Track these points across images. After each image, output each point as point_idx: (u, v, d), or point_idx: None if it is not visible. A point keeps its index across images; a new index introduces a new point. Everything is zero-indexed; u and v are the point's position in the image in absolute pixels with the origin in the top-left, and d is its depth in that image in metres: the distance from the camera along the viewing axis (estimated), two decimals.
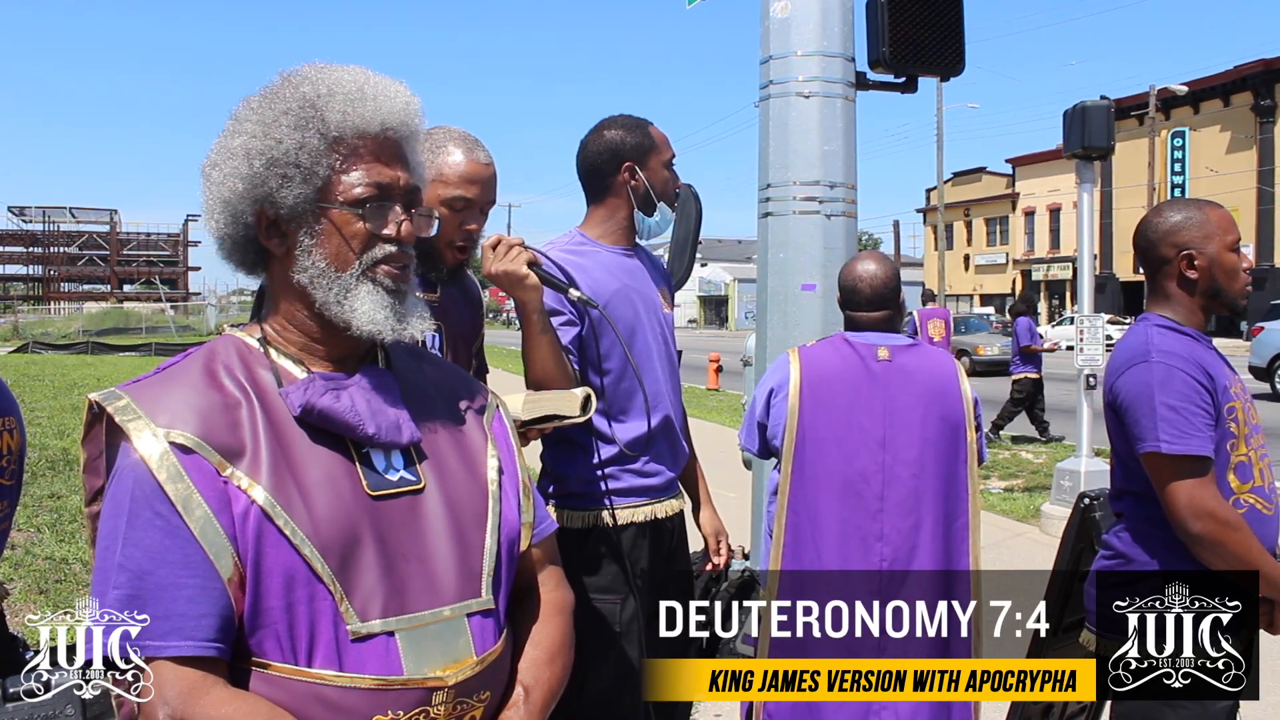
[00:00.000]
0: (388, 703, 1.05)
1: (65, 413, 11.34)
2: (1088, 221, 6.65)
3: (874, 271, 2.47)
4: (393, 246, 1.15)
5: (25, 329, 36.55)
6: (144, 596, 1.03)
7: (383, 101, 1.13)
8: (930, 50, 3.68)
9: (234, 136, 1.13)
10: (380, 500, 1.11)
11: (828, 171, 3.54)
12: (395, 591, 1.08)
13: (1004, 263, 41.57)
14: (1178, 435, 1.83)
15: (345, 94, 1.12)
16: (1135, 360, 1.92)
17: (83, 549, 5.36)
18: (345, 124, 1.11)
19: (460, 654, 1.10)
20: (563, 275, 1.99)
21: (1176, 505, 1.83)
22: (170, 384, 1.11)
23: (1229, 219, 1.98)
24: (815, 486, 2.33)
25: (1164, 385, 1.86)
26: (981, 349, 19.39)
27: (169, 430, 1.06)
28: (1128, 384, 1.92)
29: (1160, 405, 1.85)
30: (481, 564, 1.15)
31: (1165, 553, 1.91)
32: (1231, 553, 1.81)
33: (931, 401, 2.36)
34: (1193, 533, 1.82)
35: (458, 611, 1.12)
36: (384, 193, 1.14)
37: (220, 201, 1.13)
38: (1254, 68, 29.31)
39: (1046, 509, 6.58)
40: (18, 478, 1.61)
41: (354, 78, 1.14)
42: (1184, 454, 1.82)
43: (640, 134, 2.17)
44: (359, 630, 1.06)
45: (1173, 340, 1.93)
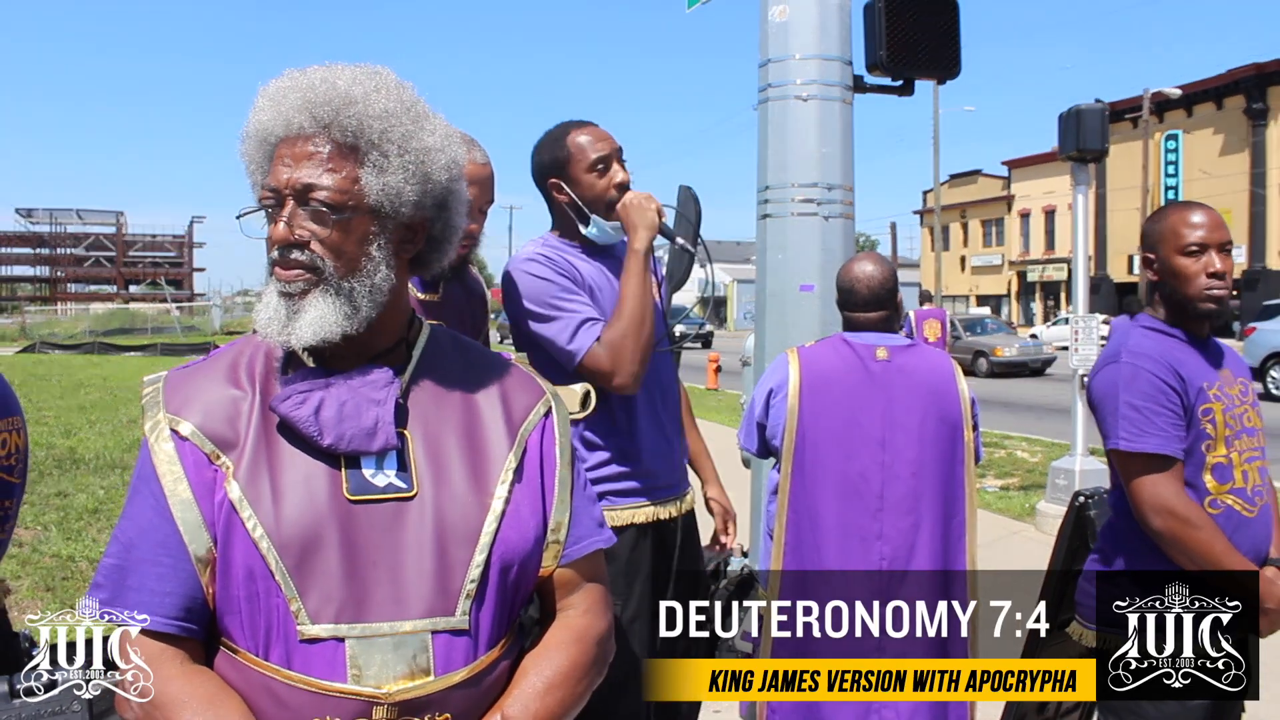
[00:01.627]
0: (328, 708, 1.04)
1: (72, 412, 11.32)
2: (1082, 223, 6.67)
3: (871, 272, 2.48)
4: (275, 252, 1.11)
5: (32, 329, 36.57)
6: (127, 568, 1.09)
7: (292, 98, 1.10)
8: (927, 53, 3.70)
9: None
10: (359, 504, 1.09)
11: (825, 173, 3.55)
12: (354, 598, 1.06)
13: (1000, 264, 41.66)
14: (1136, 433, 1.88)
15: (269, 96, 1.13)
16: (1108, 360, 1.98)
17: (89, 547, 5.36)
18: (263, 129, 1.12)
19: (416, 671, 1.06)
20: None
21: (1138, 501, 1.89)
22: (198, 374, 1.16)
23: (1185, 222, 1.95)
24: (815, 486, 2.34)
25: (1128, 385, 1.91)
26: (1000, 350, 19.14)
27: (174, 418, 1.11)
28: (1098, 383, 1.99)
29: (1123, 404, 1.90)
30: (461, 583, 1.09)
31: (1135, 548, 1.94)
32: (1192, 550, 1.83)
33: (930, 401, 2.37)
34: (1154, 528, 1.87)
35: (421, 628, 1.07)
36: (274, 196, 1.11)
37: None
38: (1246, 71, 29.42)
39: (1042, 507, 6.60)
40: (23, 476, 1.63)
41: (296, 79, 1.13)
42: (1141, 451, 1.87)
43: (556, 147, 2.10)
44: (306, 632, 1.05)
45: (1148, 341, 1.96)
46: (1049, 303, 38.92)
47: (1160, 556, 1.89)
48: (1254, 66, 29.21)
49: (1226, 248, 1.96)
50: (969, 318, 22.36)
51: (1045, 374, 19.12)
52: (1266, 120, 29.37)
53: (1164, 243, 1.98)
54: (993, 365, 18.86)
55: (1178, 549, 1.84)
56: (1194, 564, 1.82)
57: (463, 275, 2.12)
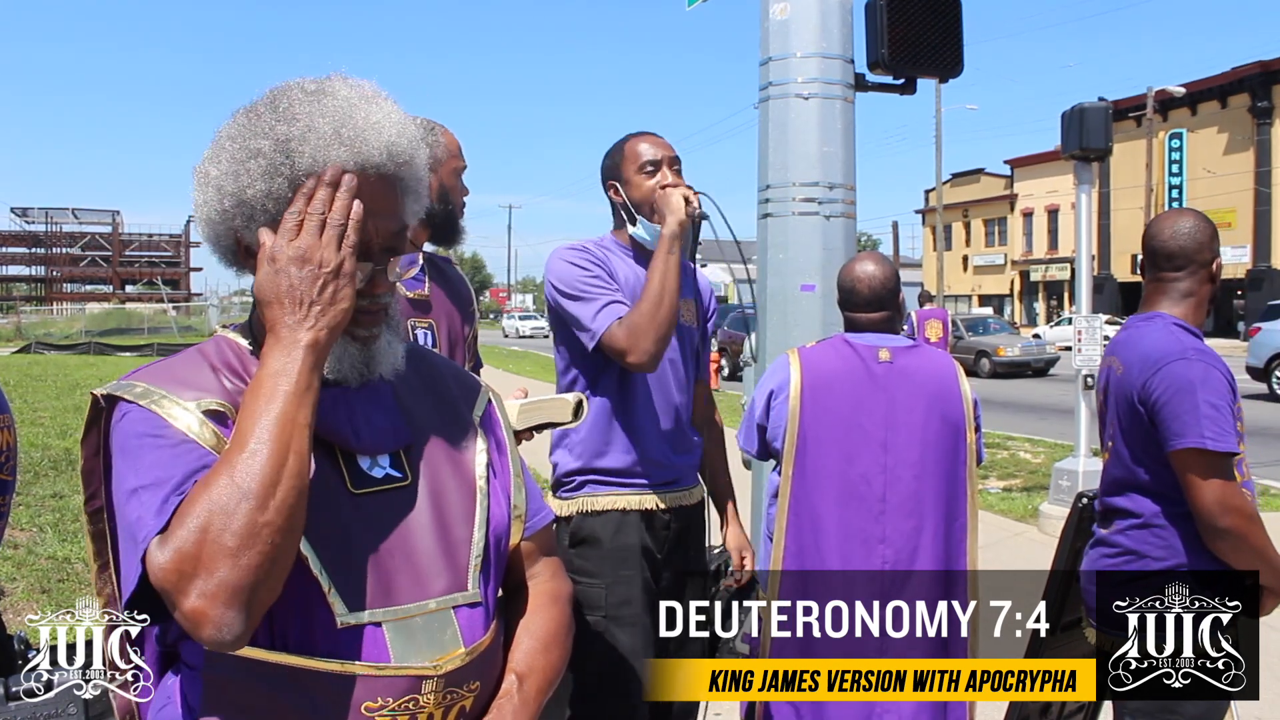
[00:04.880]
0: (377, 690, 1.07)
1: (68, 413, 11.32)
2: (1086, 222, 6.66)
3: (872, 272, 2.47)
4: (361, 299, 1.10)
5: (28, 329, 36.47)
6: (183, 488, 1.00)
7: (358, 146, 1.06)
8: (929, 52, 3.69)
9: (212, 164, 1.09)
10: (363, 496, 1.12)
11: (827, 172, 3.55)
12: (382, 584, 1.10)
13: (1002, 264, 41.62)
14: (1220, 433, 1.87)
15: (319, 137, 1.05)
16: (1175, 357, 1.95)
17: (85, 548, 5.36)
18: (315, 169, 1.05)
19: (448, 645, 1.12)
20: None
21: (1206, 501, 1.87)
22: (179, 368, 1.13)
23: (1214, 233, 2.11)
24: (816, 489, 2.33)
25: (1204, 383, 1.91)
26: (1002, 349, 19.05)
27: (199, 401, 1.07)
28: (1168, 379, 1.93)
29: (1203, 403, 1.89)
30: (468, 558, 1.16)
31: (1186, 548, 1.95)
32: (1253, 546, 1.87)
33: (933, 403, 2.36)
34: (1221, 527, 1.87)
35: (444, 604, 1.13)
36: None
37: (203, 219, 1.12)
38: (1251, 69, 29.36)
39: (1045, 508, 6.59)
40: (13, 474, 1.64)
41: (335, 112, 1.06)
42: (1225, 451, 1.88)
43: (615, 151, 2.27)
44: (347, 621, 1.07)
45: (1199, 341, 2.01)
46: (1052, 302, 38.88)
47: (1200, 556, 1.92)
48: (1259, 64, 29.15)
49: None
50: (971, 318, 22.30)
51: (1048, 374, 19.10)
52: (1271, 119, 29.30)
53: (1206, 246, 2.07)
54: (995, 365, 18.81)
55: (1239, 545, 1.87)
56: (1249, 561, 1.86)
57: (447, 274, 2.18)
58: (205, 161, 1.11)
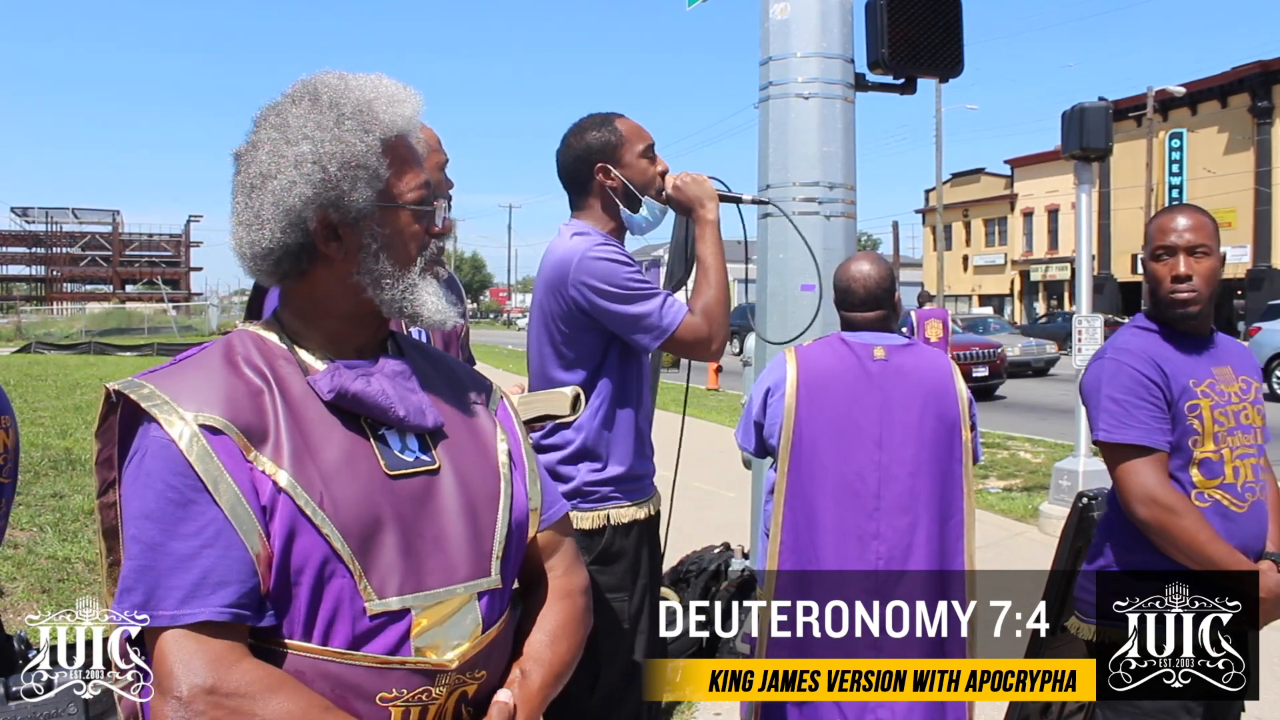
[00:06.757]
0: (393, 681, 1.08)
1: (68, 413, 11.31)
2: (1086, 222, 6.66)
3: (868, 271, 2.48)
4: (441, 242, 1.22)
5: (28, 329, 36.45)
6: (157, 568, 1.03)
7: (412, 104, 1.19)
8: (929, 52, 3.70)
9: (294, 144, 1.11)
10: (397, 480, 1.13)
11: (827, 172, 3.55)
12: (413, 570, 1.11)
13: (1002, 263, 41.60)
14: (1117, 425, 1.96)
15: (389, 96, 1.16)
16: (1096, 357, 2.08)
17: (85, 548, 5.36)
18: (393, 126, 1.16)
19: (469, 632, 1.13)
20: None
21: (1123, 491, 1.96)
22: (191, 371, 1.13)
23: (1159, 226, 2.02)
24: (812, 485, 2.34)
25: (1110, 379, 2.00)
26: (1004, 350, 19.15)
27: (197, 414, 1.08)
28: (1085, 379, 2.09)
29: (1104, 398, 1.99)
30: (493, 544, 1.18)
31: (1126, 542, 1.99)
32: (1177, 538, 1.88)
33: (928, 401, 2.37)
34: (1139, 517, 1.92)
35: (470, 590, 1.14)
36: (430, 191, 1.20)
37: (282, 211, 1.12)
38: (1251, 69, 29.33)
39: (1045, 508, 6.59)
40: (13, 475, 1.63)
41: (384, 82, 1.18)
42: (1123, 442, 1.95)
43: (607, 131, 2.12)
44: (376, 608, 1.08)
45: (1134, 338, 2.05)
46: (1052, 302, 38.86)
47: (1147, 551, 1.93)
48: (1259, 64, 29.12)
49: (1199, 250, 1.99)
50: (971, 317, 22.30)
51: (1049, 374, 19.10)
52: (1272, 118, 29.28)
53: (1145, 246, 2.09)
54: None
55: (1164, 537, 1.90)
56: (1180, 552, 1.88)
57: None
58: (276, 146, 1.12)
